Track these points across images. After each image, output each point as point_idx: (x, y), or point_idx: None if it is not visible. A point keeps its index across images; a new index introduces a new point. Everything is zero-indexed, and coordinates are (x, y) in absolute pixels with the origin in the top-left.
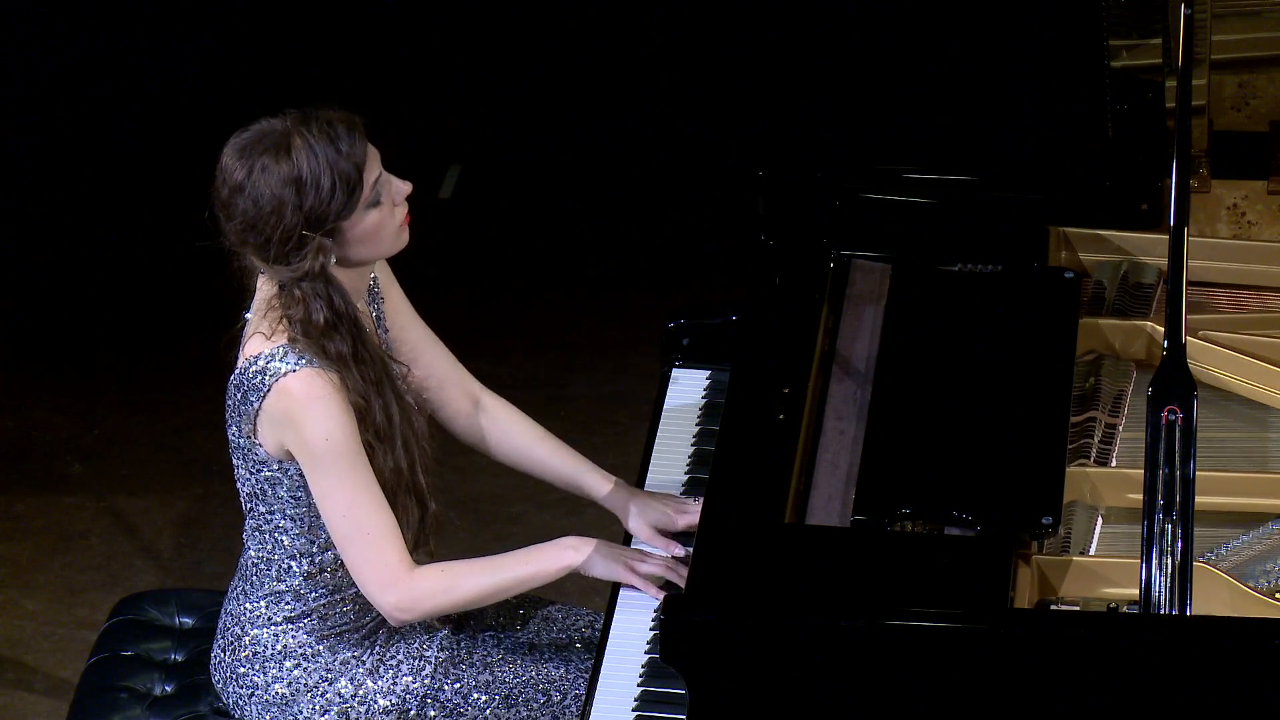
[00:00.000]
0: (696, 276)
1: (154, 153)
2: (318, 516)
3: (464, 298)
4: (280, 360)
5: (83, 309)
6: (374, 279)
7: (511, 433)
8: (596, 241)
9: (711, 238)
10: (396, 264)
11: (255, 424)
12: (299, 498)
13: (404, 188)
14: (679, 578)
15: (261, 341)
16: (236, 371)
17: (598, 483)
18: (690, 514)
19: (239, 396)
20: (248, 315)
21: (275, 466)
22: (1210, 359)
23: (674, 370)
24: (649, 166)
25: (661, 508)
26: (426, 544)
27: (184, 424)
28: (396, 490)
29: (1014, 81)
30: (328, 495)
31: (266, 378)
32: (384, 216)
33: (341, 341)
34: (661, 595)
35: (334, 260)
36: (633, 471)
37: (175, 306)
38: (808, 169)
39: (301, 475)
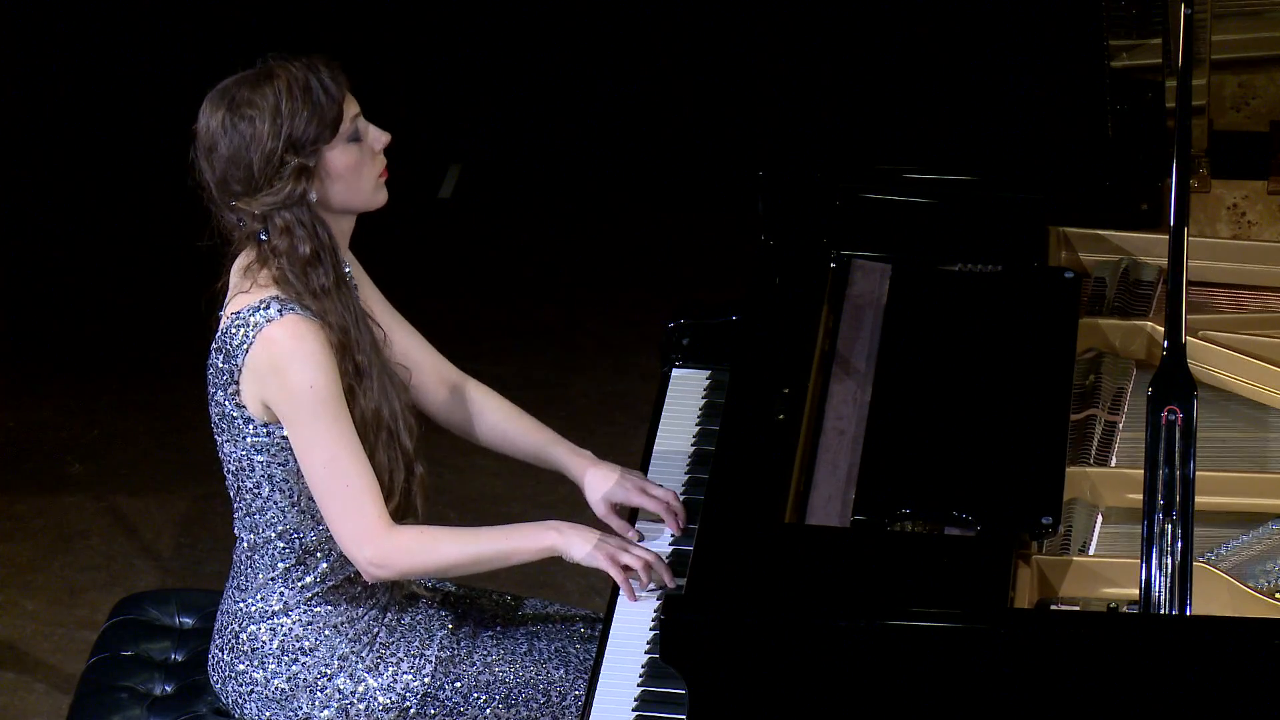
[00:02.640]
0: (696, 276)
1: (154, 153)
2: (305, 485)
3: (464, 297)
4: (262, 312)
5: (83, 309)
6: (347, 269)
7: (485, 413)
8: (596, 241)
9: (711, 238)
10: (397, 263)
11: (239, 383)
12: (287, 465)
13: (383, 136)
14: (649, 577)
15: (243, 299)
16: (218, 334)
17: (565, 455)
18: (651, 496)
19: (220, 359)
20: (222, 313)
21: (261, 430)
22: (1210, 359)
23: (674, 370)
24: (649, 167)
25: (623, 484)
26: (415, 511)
27: (184, 424)
28: (378, 436)
29: (1014, 81)
30: (309, 446)
31: (250, 330)
32: (363, 157)
33: (325, 275)
34: (635, 598)
35: (314, 196)
36: None
37: (175, 306)
38: (808, 169)
39: (285, 438)
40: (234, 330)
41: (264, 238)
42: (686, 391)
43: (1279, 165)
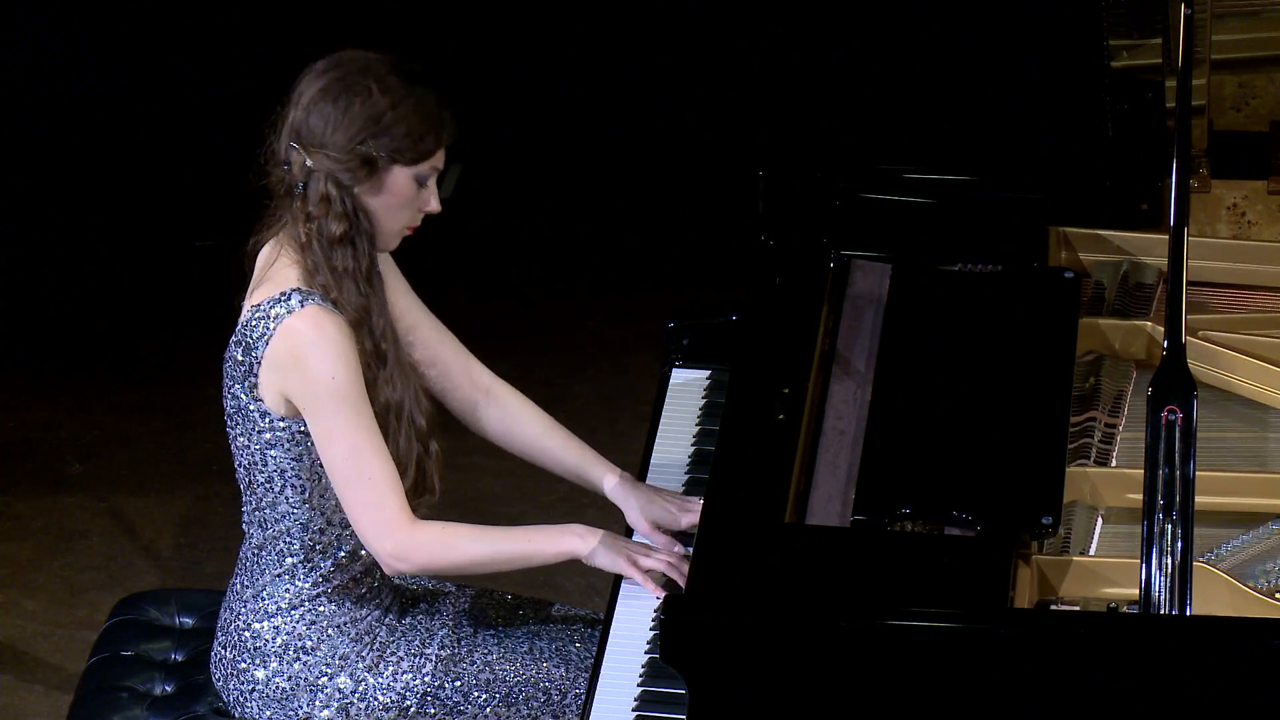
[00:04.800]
0: (696, 276)
1: (156, 153)
2: (318, 480)
3: (464, 297)
4: (283, 304)
5: (82, 309)
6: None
7: (520, 423)
8: (596, 241)
9: (711, 238)
10: (397, 263)
11: (257, 376)
12: (301, 460)
13: (435, 204)
14: (680, 576)
15: (264, 290)
16: (238, 327)
17: (603, 474)
18: (694, 513)
19: (239, 352)
20: (243, 304)
21: (278, 424)
22: (1210, 359)
23: (674, 370)
24: (649, 166)
25: (666, 504)
26: (432, 488)
27: (184, 424)
28: (399, 424)
29: (1014, 81)
30: (331, 437)
31: (270, 323)
32: (410, 201)
33: (349, 259)
34: (661, 593)
35: (357, 190)
36: (632, 472)
37: (175, 306)
38: (808, 169)
39: (301, 433)
40: (254, 323)
41: (300, 189)
42: (686, 392)
43: (1279, 165)
